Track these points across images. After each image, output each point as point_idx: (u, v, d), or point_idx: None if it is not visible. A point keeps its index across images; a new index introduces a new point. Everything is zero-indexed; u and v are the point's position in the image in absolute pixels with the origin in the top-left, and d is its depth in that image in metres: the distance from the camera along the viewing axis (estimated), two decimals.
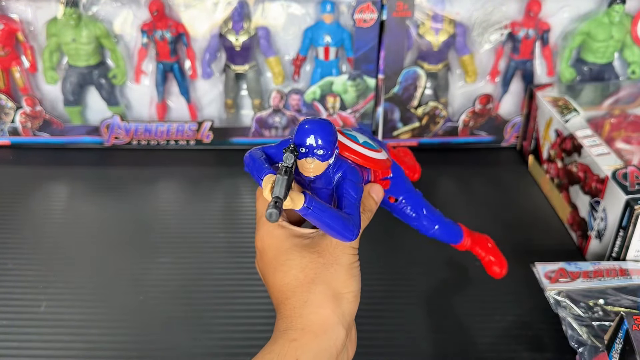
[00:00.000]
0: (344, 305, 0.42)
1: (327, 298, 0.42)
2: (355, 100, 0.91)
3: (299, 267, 0.43)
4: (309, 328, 0.41)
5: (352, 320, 0.44)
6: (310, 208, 0.40)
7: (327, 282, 0.42)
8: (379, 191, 0.50)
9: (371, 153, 0.48)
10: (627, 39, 0.89)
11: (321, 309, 0.42)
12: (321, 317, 0.41)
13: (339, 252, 0.43)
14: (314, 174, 0.43)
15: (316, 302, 0.42)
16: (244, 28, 0.86)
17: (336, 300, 0.42)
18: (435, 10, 0.85)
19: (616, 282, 0.64)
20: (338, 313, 0.42)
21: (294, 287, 0.43)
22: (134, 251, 0.73)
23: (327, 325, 0.41)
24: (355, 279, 0.44)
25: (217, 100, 0.92)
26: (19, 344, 0.61)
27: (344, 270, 0.43)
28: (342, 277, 0.43)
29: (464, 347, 0.61)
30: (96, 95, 0.91)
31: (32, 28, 0.87)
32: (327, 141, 0.42)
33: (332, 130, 0.42)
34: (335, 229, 0.41)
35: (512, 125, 0.93)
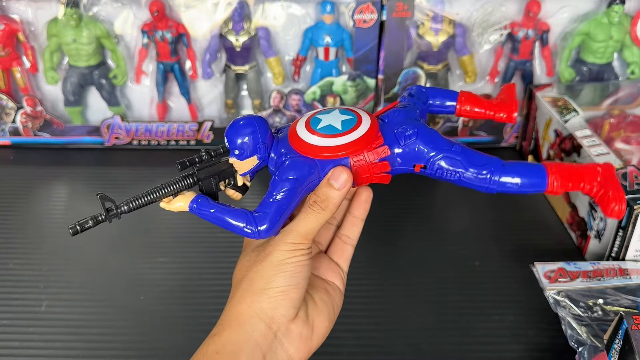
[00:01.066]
0: (264, 300, 0.42)
1: (246, 293, 0.43)
2: (355, 101, 0.91)
3: (238, 267, 0.45)
4: (226, 323, 0.43)
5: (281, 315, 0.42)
6: (194, 205, 0.43)
7: (251, 278, 0.43)
8: (340, 175, 0.43)
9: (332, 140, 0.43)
10: (627, 39, 0.89)
11: (238, 304, 0.43)
12: (238, 311, 0.42)
13: (273, 247, 0.43)
14: (241, 171, 0.45)
15: (236, 298, 0.43)
16: (244, 28, 0.86)
17: (255, 294, 0.42)
18: (435, 10, 0.86)
19: (615, 281, 0.64)
20: (255, 307, 0.42)
21: (233, 284, 0.45)
22: (134, 251, 0.73)
23: (241, 317, 0.42)
24: (283, 275, 0.42)
25: (217, 101, 0.93)
26: (20, 343, 0.61)
27: (270, 265, 0.43)
28: (267, 272, 0.43)
29: (464, 347, 0.61)
30: (97, 96, 0.91)
31: (33, 28, 0.87)
32: (236, 142, 0.44)
33: (244, 127, 0.44)
34: (227, 226, 0.43)
35: (512, 125, 0.93)
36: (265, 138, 0.44)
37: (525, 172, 0.45)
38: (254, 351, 0.41)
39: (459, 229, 0.78)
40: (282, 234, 0.44)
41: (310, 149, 0.44)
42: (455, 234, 0.77)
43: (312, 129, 0.44)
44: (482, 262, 0.72)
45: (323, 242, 0.51)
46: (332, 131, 0.44)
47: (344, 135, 0.44)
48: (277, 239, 0.44)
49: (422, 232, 0.77)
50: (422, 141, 0.44)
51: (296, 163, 0.43)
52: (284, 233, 0.44)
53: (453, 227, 0.78)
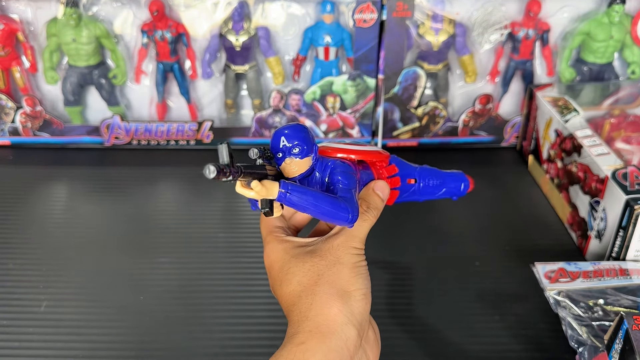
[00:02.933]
0: (352, 303, 0.41)
1: (332, 297, 0.41)
2: (355, 100, 0.91)
3: (302, 272, 0.43)
4: (316, 330, 0.40)
5: (365, 320, 0.42)
6: (287, 192, 0.40)
7: (330, 281, 0.41)
8: (384, 187, 0.48)
9: (361, 147, 0.48)
10: (627, 39, 0.89)
11: (327, 309, 0.40)
12: (328, 317, 0.40)
13: (340, 252, 0.43)
14: (298, 172, 0.43)
15: (321, 302, 0.41)
16: (244, 28, 0.86)
17: (342, 298, 0.41)
18: (435, 10, 0.86)
19: (616, 282, 0.64)
20: (346, 311, 0.40)
21: (299, 292, 0.42)
22: (134, 251, 0.73)
23: (334, 324, 0.40)
24: (362, 276, 0.42)
25: (217, 100, 0.92)
26: (20, 343, 0.61)
27: (347, 268, 0.42)
28: (346, 275, 0.42)
29: (464, 347, 0.61)
30: (96, 95, 0.91)
31: (32, 28, 0.87)
32: (299, 137, 0.42)
33: (302, 128, 0.43)
34: (324, 210, 0.41)
35: (512, 125, 0.93)
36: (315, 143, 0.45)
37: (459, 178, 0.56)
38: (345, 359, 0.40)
39: (459, 229, 0.78)
40: (345, 238, 0.43)
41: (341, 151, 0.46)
42: (455, 234, 0.77)
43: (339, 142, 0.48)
44: (482, 262, 0.72)
45: None
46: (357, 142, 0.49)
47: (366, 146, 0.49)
48: (341, 242, 0.43)
49: (422, 232, 0.77)
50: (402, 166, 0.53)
51: (344, 164, 0.45)
52: (347, 238, 0.43)
53: (453, 227, 0.78)
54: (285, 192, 0.40)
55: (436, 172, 0.54)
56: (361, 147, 0.48)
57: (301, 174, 0.43)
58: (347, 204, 0.42)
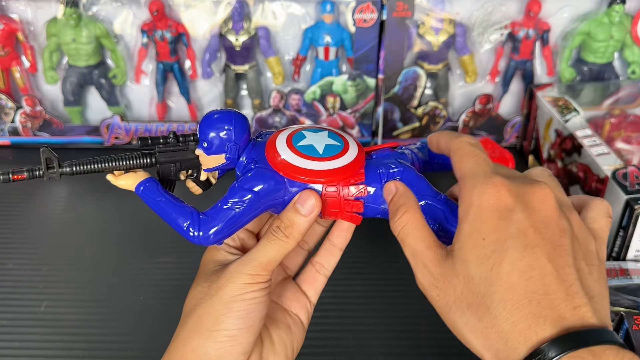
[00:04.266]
0: (210, 345, 0.36)
1: (193, 334, 0.37)
2: (355, 100, 0.91)
3: (189, 297, 0.40)
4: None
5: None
6: (141, 188, 0.39)
7: (199, 315, 0.37)
8: (307, 199, 0.38)
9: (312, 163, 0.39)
10: (627, 39, 0.89)
11: (182, 347, 0.37)
12: (182, 354, 0.37)
13: (225, 280, 0.37)
14: (205, 166, 0.41)
15: (182, 337, 0.38)
16: (244, 28, 0.86)
17: (202, 338, 0.37)
18: (435, 10, 0.86)
19: (616, 282, 0.64)
20: (200, 353, 0.36)
21: (183, 312, 0.40)
22: (134, 251, 0.73)
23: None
24: (235, 315, 0.36)
25: (217, 100, 0.92)
26: (20, 343, 0.61)
27: (221, 302, 0.37)
28: (216, 311, 0.37)
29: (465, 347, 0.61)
30: (96, 95, 0.91)
31: (32, 28, 0.87)
32: (207, 134, 0.39)
33: (218, 124, 0.39)
34: (170, 221, 0.39)
35: (512, 125, 0.93)
36: (240, 139, 0.40)
37: None
38: None
39: None
40: (239, 264, 0.38)
41: (282, 165, 0.39)
42: None
43: (292, 144, 0.40)
44: None
45: (292, 267, 0.46)
46: (312, 153, 0.40)
47: (322, 160, 0.40)
48: (232, 268, 0.38)
49: None
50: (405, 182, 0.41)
51: (263, 175, 0.39)
52: (240, 263, 0.38)
53: None
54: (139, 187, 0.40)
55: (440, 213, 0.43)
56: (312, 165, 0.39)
57: (208, 168, 0.41)
58: (200, 221, 0.38)
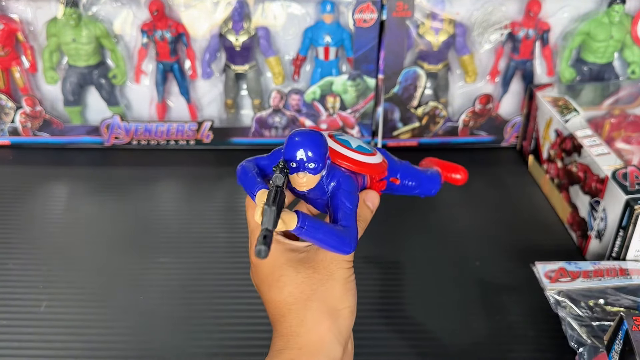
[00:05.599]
0: (341, 321, 0.42)
1: (323, 315, 0.41)
2: (355, 100, 0.91)
3: (294, 283, 0.42)
4: (305, 348, 0.40)
5: (350, 335, 0.43)
6: (304, 228, 0.39)
7: (322, 298, 0.42)
8: (375, 198, 0.48)
9: (365, 158, 0.46)
10: (627, 39, 0.89)
11: (317, 327, 0.41)
12: (318, 335, 0.41)
13: (333, 266, 0.43)
14: (306, 187, 0.42)
15: (313, 320, 0.41)
16: (243, 28, 0.86)
17: (332, 317, 0.41)
18: (435, 10, 0.85)
19: (616, 282, 0.64)
20: (334, 330, 0.41)
21: (290, 305, 0.42)
22: (134, 251, 0.73)
23: (323, 343, 0.41)
24: (351, 293, 0.43)
25: (217, 100, 0.92)
26: (20, 343, 0.61)
27: (339, 285, 0.42)
28: (337, 292, 0.42)
29: (464, 347, 0.61)
30: (96, 95, 0.91)
31: (32, 28, 0.87)
32: (318, 154, 0.41)
33: (323, 141, 0.41)
34: (331, 244, 0.41)
35: (512, 125, 0.93)
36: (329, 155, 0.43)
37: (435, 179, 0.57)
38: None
39: (459, 229, 0.78)
40: None
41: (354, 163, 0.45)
42: (455, 233, 0.77)
43: (346, 146, 0.46)
44: (482, 262, 0.72)
45: None
46: (364, 150, 0.47)
47: (372, 156, 0.47)
48: (333, 256, 0.43)
49: (422, 232, 0.77)
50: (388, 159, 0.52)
51: (350, 179, 0.44)
52: None
53: (453, 227, 0.78)
54: (301, 228, 0.39)
55: (416, 173, 0.54)
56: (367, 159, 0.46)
57: (306, 190, 0.42)
58: (350, 237, 0.41)
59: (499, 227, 0.78)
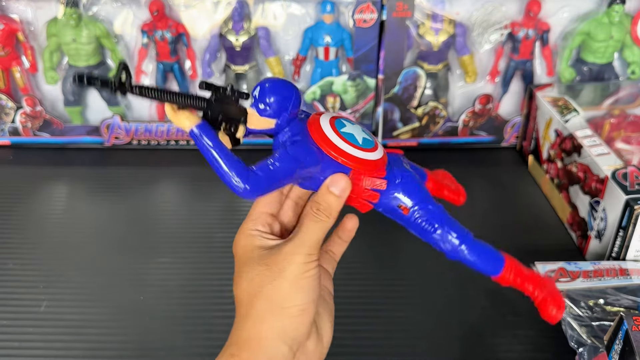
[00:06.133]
0: (285, 320, 0.41)
1: (265, 314, 0.41)
2: (355, 101, 0.91)
3: (248, 279, 0.43)
4: (245, 344, 0.41)
5: (301, 334, 0.41)
6: (197, 132, 0.40)
7: (268, 296, 0.41)
8: (338, 181, 0.43)
9: (351, 149, 0.43)
10: (627, 39, 0.89)
11: (258, 325, 0.41)
12: (258, 332, 0.41)
13: (285, 262, 0.41)
14: (252, 126, 0.43)
15: (255, 317, 0.41)
16: (244, 28, 0.86)
17: (275, 315, 0.41)
18: (435, 10, 0.86)
19: (616, 281, 0.64)
20: (277, 329, 0.41)
21: (241, 300, 0.43)
22: (134, 251, 0.73)
23: (264, 341, 0.40)
24: (302, 291, 0.41)
25: None
26: (20, 343, 0.61)
27: (287, 283, 0.41)
28: (285, 290, 0.41)
29: (464, 347, 0.61)
30: (96, 96, 0.91)
31: (33, 28, 0.87)
32: (271, 97, 0.41)
33: (282, 90, 0.41)
34: (218, 168, 0.40)
35: (512, 125, 0.93)
36: (294, 111, 0.42)
37: (485, 256, 0.49)
38: None
39: None
40: (292, 246, 0.42)
41: (327, 143, 0.43)
42: None
43: (336, 128, 0.44)
44: None
45: None
46: (352, 140, 0.44)
47: (360, 150, 0.43)
48: (287, 250, 0.42)
49: None
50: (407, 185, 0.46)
51: (308, 148, 0.42)
52: (294, 245, 0.42)
53: None
54: (195, 132, 0.40)
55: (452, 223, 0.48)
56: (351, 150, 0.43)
57: (253, 129, 0.43)
58: (249, 175, 0.40)
59: (499, 227, 0.78)
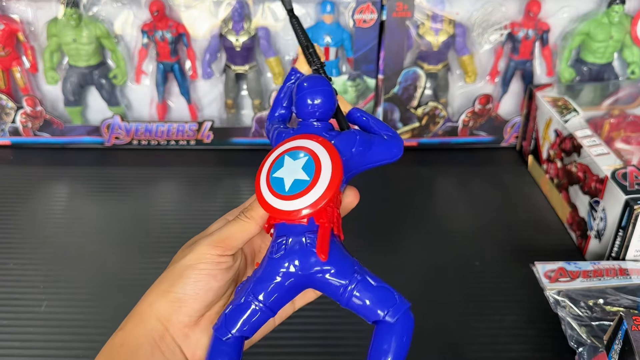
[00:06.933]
0: (162, 302, 0.43)
1: (152, 292, 0.44)
2: (355, 101, 0.91)
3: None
4: (131, 317, 0.44)
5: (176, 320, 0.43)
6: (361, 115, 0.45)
7: (161, 278, 0.44)
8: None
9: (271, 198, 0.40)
10: (627, 39, 0.89)
11: (143, 301, 0.44)
12: (140, 307, 0.44)
13: (188, 251, 0.44)
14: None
15: (146, 294, 0.45)
16: (244, 28, 0.86)
17: (158, 296, 0.43)
18: (435, 10, 0.86)
19: (616, 281, 0.64)
20: (154, 308, 0.43)
21: None
22: (134, 251, 0.73)
23: (143, 315, 0.43)
24: (185, 281, 0.42)
25: (217, 101, 0.92)
26: (20, 343, 0.61)
27: (176, 271, 0.43)
28: (172, 276, 0.44)
29: (464, 347, 0.61)
30: (97, 96, 0.91)
31: (33, 28, 0.87)
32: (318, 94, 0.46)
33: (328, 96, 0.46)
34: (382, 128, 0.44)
35: (512, 125, 0.93)
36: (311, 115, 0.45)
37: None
38: (152, 349, 0.42)
39: (458, 229, 0.78)
40: (203, 237, 0.44)
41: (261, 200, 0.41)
42: (455, 234, 0.77)
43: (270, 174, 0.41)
44: (482, 262, 0.72)
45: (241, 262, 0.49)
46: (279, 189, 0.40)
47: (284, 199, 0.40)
48: (191, 242, 0.45)
49: (422, 232, 0.77)
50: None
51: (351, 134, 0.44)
52: (204, 236, 0.45)
53: (453, 227, 0.78)
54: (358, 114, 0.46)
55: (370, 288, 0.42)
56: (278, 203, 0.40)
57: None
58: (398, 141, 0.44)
59: (499, 227, 0.78)
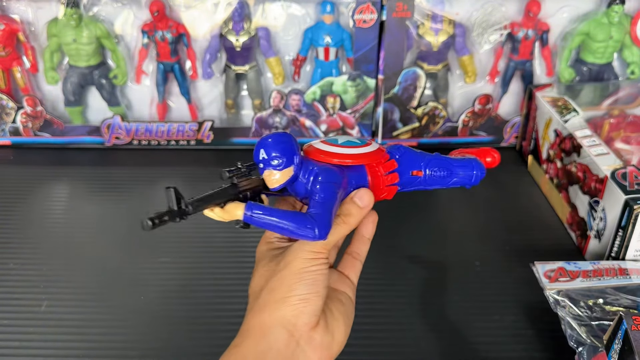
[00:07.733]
0: (286, 308, 0.42)
1: (268, 303, 0.43)
2: (355, 101, 0.91)
3: (259, 275, 0.46)
4: (247, 333, 0.43)
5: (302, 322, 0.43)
6: (251, 215, 0.42)
7: (272, 287, 0.43)
8: (364, 195, 0.47)
9: (353, 150, 0.47)
10: (626, 40, 0.89)
11: (260, 313, 0.43)
12: (259, 320, 0.43)
13: (291, 256, 0.44)
14: (278, 183, 0.44)
15: (258, 307, 0.43)
16: (244, 28, 0.87)
17: (277, 304, 0.43)
18: (435, 10, 0.86)
19: (615, 281, 0.64)
20: (277, 316, 0.42)
21: (251, 295, 0.45)
22: (134, 251, 0.73)
23: (263, 328, 0.42)
24: (304, 283, 0.43)
25: (217, 101, 0.93)
26: (20, 343, 0.61)
27: (291, 274, 0.43)
28: (287, 281, 0.43)
29: (464, 347, 0.62)
30: (97, 96, 0.91)
31: (33, 28, 0.87)
32: (278, 150, 0.43)
33: (283, 139, 0.44)
34: (289, 229, 0.42)
35: (512, 125, 0.93)
36: (298, 152, 0.45)
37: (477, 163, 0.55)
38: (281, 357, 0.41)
39: (459, 229, 0.78)
40: (301, 244, 0.44)
41: (334, 156, 0.46)
42: (455, 234, 0.77)
43: (333, 143, 0.47)
44: (482, 262, 0.72)
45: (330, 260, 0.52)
46: (351, 144, 0.47)
47: (361, 148, 0.47)
48: (296, 247, 0.44)
49: (422, 232, 0.77)
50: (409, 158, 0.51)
51: (329, 170, 0.45)
52: (302, 243, 0.44)
53: (453, 227, 0.78)
54: (250, 215, 0.42)
55: (444, 162, 0.52)
56: (354, 150, 0.47)
57: (281, 184, 0.44)
58: (314, 220, 0.42)
59: (499, 227, 0.78)
